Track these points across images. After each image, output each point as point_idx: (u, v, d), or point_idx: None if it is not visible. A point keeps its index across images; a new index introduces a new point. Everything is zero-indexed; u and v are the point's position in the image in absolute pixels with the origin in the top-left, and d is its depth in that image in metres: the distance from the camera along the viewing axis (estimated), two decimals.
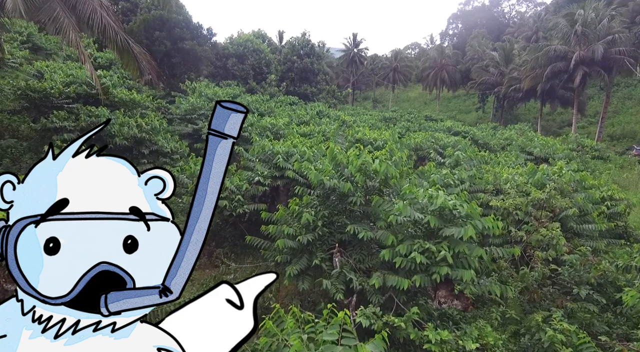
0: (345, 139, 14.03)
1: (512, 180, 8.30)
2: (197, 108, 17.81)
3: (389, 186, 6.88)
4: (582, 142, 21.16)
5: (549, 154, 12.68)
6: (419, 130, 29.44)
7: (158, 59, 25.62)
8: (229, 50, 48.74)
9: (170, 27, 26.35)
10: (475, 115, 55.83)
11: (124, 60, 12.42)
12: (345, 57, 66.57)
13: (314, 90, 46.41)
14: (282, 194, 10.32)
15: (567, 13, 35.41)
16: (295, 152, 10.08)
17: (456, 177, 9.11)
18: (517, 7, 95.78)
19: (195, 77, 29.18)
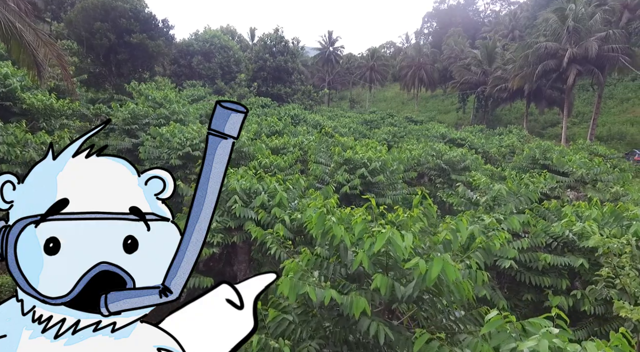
0: (330, 159, 10.68)
1: (614, 242, 5.18)
2: (140, 116, 14.06)
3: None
4: (594, 150, 18.67)
5: (595, 176, 9.77)
6: (406, 136, 26.54)
7: (101, 54, 21.60)
8: (193, 47, 44.71)
9: (115, 17, 22.22)
10: (455, 115, 54.11)
11: (12, 52, 8.63)
12: (320, 55, 63.95)
13: (289, 90, 42.89)
14: (242, 253, 6.92)
15: (557, 8, 33.31)
16: (261, 190, 6.68)
17: (505, 227, 5.95)
18: (491, 5, 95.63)
19: (150, 76, 25.15)
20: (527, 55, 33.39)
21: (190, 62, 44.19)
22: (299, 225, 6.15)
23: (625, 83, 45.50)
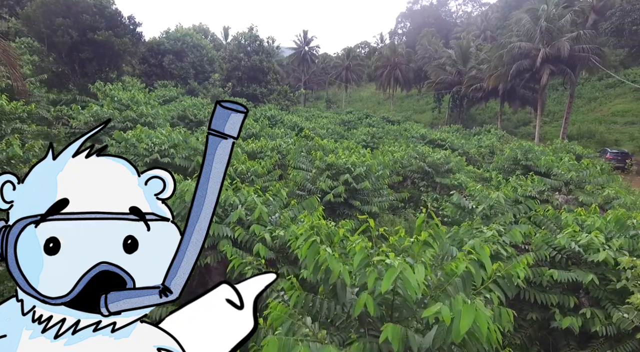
0: (311, 164, 10.03)
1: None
2: (104, 119, 12.97)
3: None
4: (572, 150, 18.71)
5: (583, 179, 9.48)
6: (385, 136, 26.17)
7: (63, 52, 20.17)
8: (164, 45, 43.14)
9: (78, 13, 20.74)
10: (430, 115, 54.54)
11: None
12: (296, 55, 63.32)
13: (264, 90, 41.93)
14: (216, 274, 6.19)
15: (530, 8, 33.76)
16: (238, 203, 5.95)
17: (507, 241, 5.47)
18: (463, 7, 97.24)
19: (117, 76, 23.75)
20: (501, 55, 33.71)
21: (161, 62, 42.60)
22: (282, 243, 5.49)
23: (593, 83, 46.81)
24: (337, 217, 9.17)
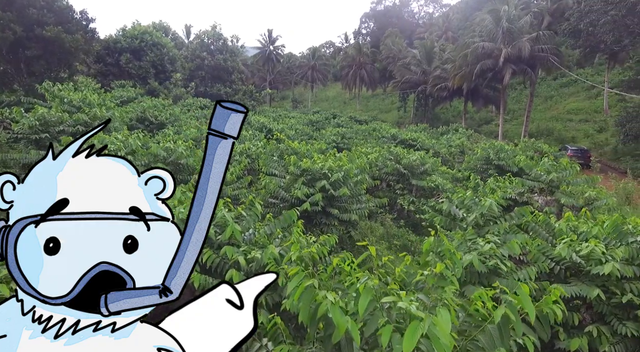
0: (284, 170, 9.34)
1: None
2: (52, 123, 11.67)
3: None
4: (539, 148, 19.00)
5: (561, 180, 9.34)
6: (355, 137, 25.80)
7: (4, 49, 18.34)
8: (121, 43, 40.84)
9: (22, 7, 18.90)
10: (396, 114, 55.08)
11: None
12: (261, 54, 62.26)
13: (229, 90, 40.68)
14: (185, 295, 5.46)
15: (492, 9, 34.53)
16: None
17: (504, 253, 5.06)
18: (425, 7, 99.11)
19: (69, 76, 21.96)
20: (465, 55, 34.24)
21: (118, 61, 40.31)
22: (258, 267, 4.80)
23: (548, 82, 48.71)
24: (314, 227, 8.56)
